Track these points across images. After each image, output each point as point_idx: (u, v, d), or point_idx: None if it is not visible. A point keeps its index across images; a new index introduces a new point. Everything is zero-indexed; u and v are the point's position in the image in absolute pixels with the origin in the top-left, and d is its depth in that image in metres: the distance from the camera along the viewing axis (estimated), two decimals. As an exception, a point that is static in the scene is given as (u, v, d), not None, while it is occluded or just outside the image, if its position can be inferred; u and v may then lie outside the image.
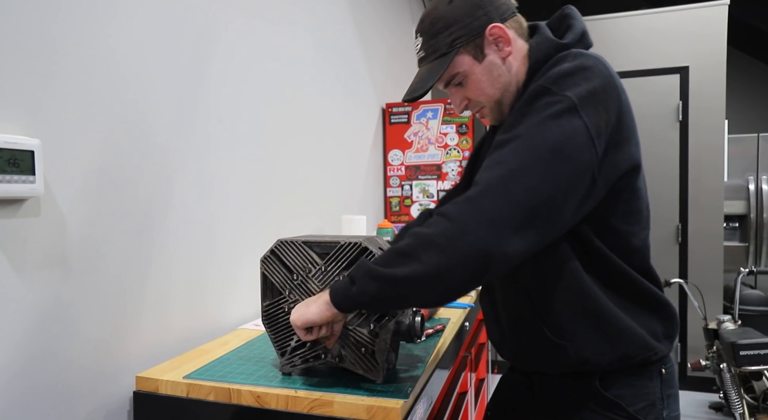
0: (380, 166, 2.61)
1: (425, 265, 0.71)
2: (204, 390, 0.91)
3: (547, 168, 0.72)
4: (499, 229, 0.70)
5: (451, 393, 1.36)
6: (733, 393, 2.36)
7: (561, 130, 0.73)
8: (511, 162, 0.73)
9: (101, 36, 0.97)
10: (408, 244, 0.74)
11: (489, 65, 0.87)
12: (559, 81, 0.76)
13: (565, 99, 0.74)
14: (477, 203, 0.71)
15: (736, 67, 4.93)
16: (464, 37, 0.86)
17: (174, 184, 1.16)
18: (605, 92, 0.76)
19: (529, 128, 0.74)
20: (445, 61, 0.87)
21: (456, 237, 0.70)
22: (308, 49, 1.82)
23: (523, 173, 0.72)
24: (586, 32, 0.88)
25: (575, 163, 0.73)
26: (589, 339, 0.83)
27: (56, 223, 0.89)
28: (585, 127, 0.73)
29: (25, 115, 0.83)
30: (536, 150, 0.72)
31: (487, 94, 0.89)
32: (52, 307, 0.88)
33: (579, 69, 0.77)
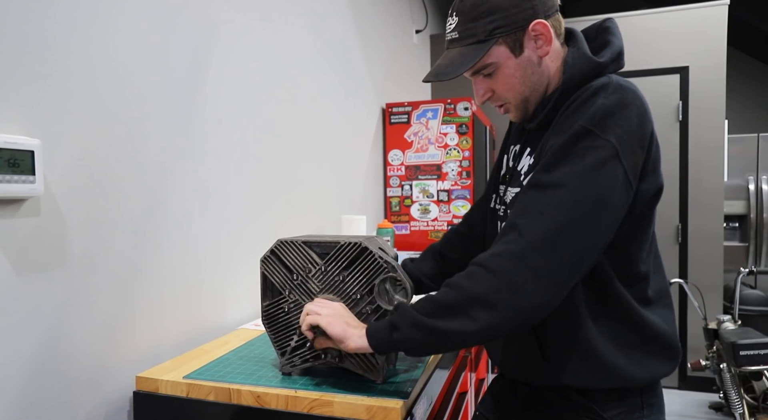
0: (380, 166, 2.61)
1: (476, 322, 0.72)
2: (204, 390, 0.91)
3: (592, 222, 0.73)
4: (549, 287, 0.71)
5: (451, 393, 1.36)
6: (733, 393, 2.36)
7: (605, 181, 0.73)
8: (557, 216, 0.72)
9: (101, 36, 0.97)
10: (454, 298, 0.75)
11: (525, 61, 0.84)
12: (601, 122, 0.75)
13: (607, 145, 0.74)
14: (524, 259, 0.71)
15: (736, 67, 4.93)
16: (506, 27, 0.81)
17: (174, 183, 1.16)
18: (641, 130, 0.76)
19: (573, 178, 0.73)
20: (482, 48, 0.82)
21: (506, 295, 0.71)
22: (308, 48, 1.82)
23: (570, 230, 0.72)
24: (622, 52, 0.85)
25: (616, 209, 0.74)
26: (573, 367, 0.83)
27: (56, 223, 0.89)
28: (624, 172, 0.74)
29: (25, 115, 0.83)
30: (582, 205, 0.72)
31: (517, 91, 0.86)
32: (52, 307, 0.88)
33: (619, 107, 0.76)
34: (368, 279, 0.90)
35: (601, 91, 0.78)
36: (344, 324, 0.84)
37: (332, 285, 0.93)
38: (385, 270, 0.89)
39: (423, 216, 2.56)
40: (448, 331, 0.74)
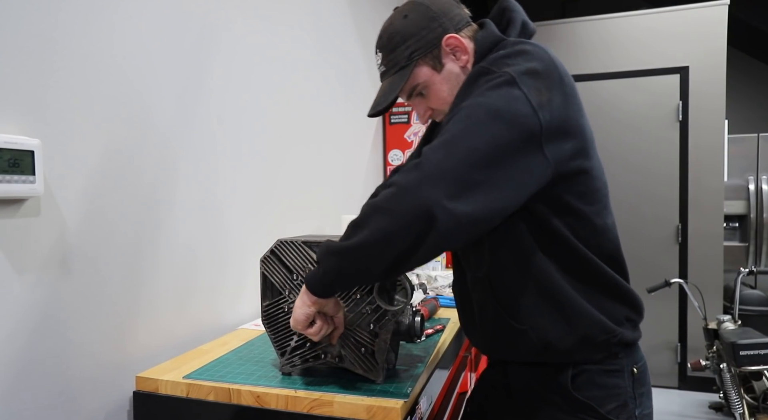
0: (380, 166, 2.61)
1: (372, 230, 0.72)
2: (204, 390, 0.91)
3: (486, 129, 0.72)
4: (439, 186, 0.70)
5: (451, 393, 1.36)
6: (733, 393, 2.36)
7: (499, 97, 0.74)
8: (453, 129, 0.74)
9: (102, 36, 0.97)
10: (360, 216, 0.76)
11: (448, 74, 0.89)
12: (497, 62, 0.79)
13: (503, 74, 0.76)
14: (420, 166, 0.72)
15: (736, 67, 4.93)
16: (422, 49, 0.88)
17: (174, 183, 1.16)
18: (546, 72, 0.77)
19: (469, 101, 0.76)
20: (404, 73, 0.89)
21: (398, 199, 0.71)
22: (308, 49, 1.82)
23: (463, 135, 0.73)
24: (526, 22, 0.91)
25: (515, 126, 0.73)
26: (547, 321, 0.84)
27: (56, 223, 0.89)
28: (525, 97, 0.74)
29: (25, 115, 0.83)
30: (475, 115, 0.74)
31: (449, 102, 0.89)
32: (51, 307, 0.88)
33: (516, 52, 0.80)
34: (368, 279, 0.90)
35: (501, 47, 0.84)
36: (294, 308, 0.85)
37: (332, 285, 0.93)
38: None
39: (423, 216, 2.55)
40: (351, 246, 0.74)
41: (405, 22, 0.89)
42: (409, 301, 0.91)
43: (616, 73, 3.29)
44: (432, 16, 0.88)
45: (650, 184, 3.26)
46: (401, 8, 0.93)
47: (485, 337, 0.94)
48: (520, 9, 0.92)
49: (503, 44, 0.85)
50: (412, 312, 0.94)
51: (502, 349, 0.92)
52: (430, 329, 1.24)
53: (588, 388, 0.85)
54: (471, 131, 0.72)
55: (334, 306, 0.86)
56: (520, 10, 0.92)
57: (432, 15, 0.88)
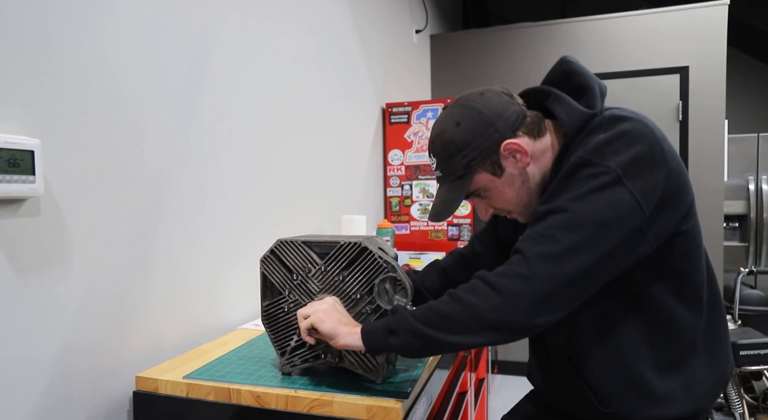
0: (380, 166, 2.61)
1: (476, 337, 0.75)
2: (204, 390, 0.91)
3: (596, 244, 0.72)
4: (549, 308, 0.73)
5: (451, 393, 1.36)
6: (733, 393, 2.36)
7: (607, 203, 0.73)
8: (561, 240, 0.73)
9: (101, 35, 0.97)
10: (455, 312, 0.76)
11: (509, 178, 0.86)
12: (599, 150, 0.75)
13: (608, 170, 0.73)
14: (529, 282, 0.72)
15: (736, 67, 4.93)
16: (479, 158, 0.85)
17: (174, 183, 1.16)
18: (650, 155, 0.74)
19: (574, 202, 0.74)
20: (465, 182, 0.86)
21: (509, 315, 0.73)
22: (308, 48, 1.82)
23: (574, 253, 0.72)
24: (601, 85, 0.85)
25: (622, 230, 0.73)
26: (635, 404, 0.82)
27: (56, 223, 0.89)
28: (631, 195, 0.73)
29: (25, 115, 0.83)
30: (585, 227, 0.72)
31: (513, 203, 0.89)
32: (52, 307, 0.88)
33: (618, 136, 0.75)
34: (368, 279, 0.90)
35: (597, 127, 0.79)
36: (336, 321, 0.84)
37: (332, 285, 0.93)
38: (385, 270, 0.89)
39: (423, 216, 2.56)
40: (446, 342, 0.76)
41: (459, 131, 0.84)
42: (409, 301, 0.91)
43: (616, 73, 3.29)
44: (486, 122, 0.83)
45: (650, 184, 3.26)
46: (451, 112, 0.87)
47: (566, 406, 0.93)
48: (586, 71, 0.86)
49: (597, 122, 0.79)
50: (412, 312, 0.94)
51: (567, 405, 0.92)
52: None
53: None
54: (581, 248, 0.72)
55: None
56: (587, 72, 0.86)
57: (486, 121, 0.83)
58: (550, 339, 0.92)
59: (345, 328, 0.83)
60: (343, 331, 0.83)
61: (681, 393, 0.82)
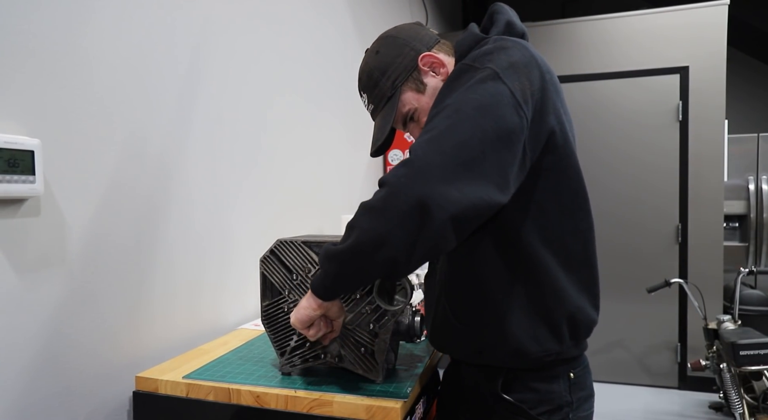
0: (380, 166, 2.61)
1: (365, 230, 0.71)
2: (204, 390, 0.91)
3: (474, 123, 0.71)
4: (430, 181, 0.68)
5: (451, 393, 1.35)
6: (733, 393, 2.36)
7: (485, 92, 0.74)
8: (440, 125, 0.73)
9: (101, 35, 0.97)
10: (354, 217, 0.75)
11: (432, 92, 0.90)
12: (479, 58, 0.78)
13: (486, 69, 0.76)
14: (409, 163, 0.71)
15: (736, 67, 4.93)
16: (401, 75, 0.90)
17: (173, 183, 1.16)
18: (526, 66, 0.77)
19: (454, 97, 0.75)
20: (393, 103, 0.91)
21: (390, 196, 0.70)
22: (308, 48, 1.82)
23: (451, 131, 0.72)
24: (511, 22, 0.88)
25: (502, 120, 0.72)
26: (482, 327, 0.84)
27: (56, 223, 0.89)
28: (510, 92, 0.74)
29: (25, 115, 0.83)
30: (462, 110, 0.73)
31: None
32: (52, 307, 0.88)
33: (497, 48, 0.79)
34: (368, 279, 0.90)
35: (483, 44, 0.83)
36: (297, 308, 0.84)
37: (332, 285, 0.93)
38: None
39: (423, 216, 2.56)
40: (347, 249, 0.73)
41: (379, 58, 0.92)
42: (409, 301, 0.91)
43: (616, 73, 3.29)
44: (402, 43, 0.91)
45: (651, 183, 3.26)
46: (371, 48, 0.96)
47: (434, 332, 0.95)
48: (507, 10, 0.91)
49: (484, 42, 0.84)
50: (412, 312, 0.94)
51: (447, 346, 0.93)
52: (429, 329, 1.24)
53: (519, 390, 0.85)
54: (459, 126, 0.71)
55: (338, 310, 0.85)
56: (508, 11, 0.91)
57: (401, 42, 0.91)
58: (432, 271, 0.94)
59: (303, 302, 0.83)
60: (302, 304, 0.83)
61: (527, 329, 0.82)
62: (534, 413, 0.84)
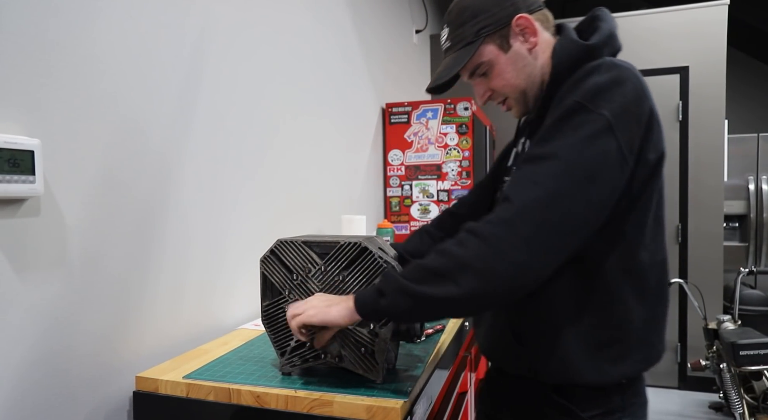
0: (380, 166, 2.61)
1: (463, 288, 0.72)
2: (204, 390, 0.91)
3: (584, 194, 0.72)
4: (536, 253, 0.71)
5: (451, 393, 1.36)
6: (733, 393, 2.36)
7: (597, 154, 0.73)
8: (548, 185, 0.72)
9: (101, 35, 0.97)
10: (443, 265, 0.74)
11: (514, 55, 0.87)
12: (596, 98, 0.75)
13: (600, 118, 0.74)
14: (514, 226, 0.71)
15: (736, 67, 4.93)
16: (490, 26, 0.86)
17: (173, 184, 1.16)
18: (638, 105, 0.76)
19: (565, 149, 0.74)
20: (470, 49, 0.87)
21: (494, 261, 0.71)
22: (308, 49, 1.82)
23: (561, 198, 0.72)
24: (614, 34, 0.86)
25: (608, 185, 0.74)
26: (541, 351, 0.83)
27: (56, 223, 0.89)
28: (618, 147, 0.73)
29: (25, 115, 0.83)
30: (573, 175, 0.72)
31: (512, 85, 0.89)
32: (52, 307, 0.88)
33: (614, 83, 0.76)
34: (368, 279, 0.90)
35: (595, 70, 0.78)
36: (324, 308, 0.82)
37: (332, 285, 0.93)
38: (385, 270, 0.89)
39: (423, 216, 2.56)
40: (434, 297, 0.73)
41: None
42: (409, 301, 0.91)
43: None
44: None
45: (650, 184, 3.26)
46: None
47: (487, 341, 0.95)
48: (611, 19, 0.87)
49: (597, 66, 0.79)
50: (412, 312, 0.94)
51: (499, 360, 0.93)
52: (430, 329, 1.24)
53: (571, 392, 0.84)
54: (569, 194, 0.72)
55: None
56: (611, 20, 0.87)
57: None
58: None
59: (336, 308, 0.81)
60: (334, 311, 0.81)
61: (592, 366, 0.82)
62: (585, 416, 0.83)
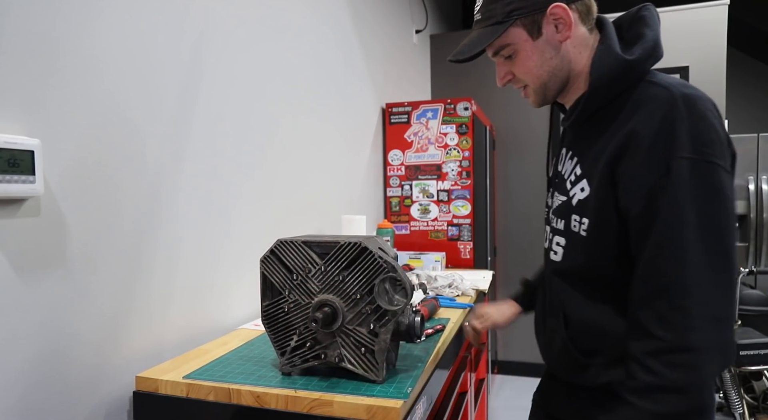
0: (380, 166, 2.61)
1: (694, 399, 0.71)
2: (204, 390, 0.91)
3: (732, 249, 0.72)
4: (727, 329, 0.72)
5: (451, 393, 1.36)
6: (733, 393, 2.36)
7: (726, 200, 0.72)
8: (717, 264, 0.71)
9: (101, 35, 0.97)
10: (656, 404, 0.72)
11: (543, 45, 0.84)
12: (702, 150, 0.71)
13: (715, 167, 0.71)
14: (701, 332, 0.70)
15: (736, 67, 4.93)
16: (524, 10, 0.82)
17: (174, 183, 1.16)
18: (724, 130, 0.75)
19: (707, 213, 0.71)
20: (498, 29, 0.84)
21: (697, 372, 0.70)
22: (308, 49, 1.82)
23: (723, 280, 0.71)
24: (658, 43, 0.80)
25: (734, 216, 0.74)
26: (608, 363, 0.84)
27: (56, 223, 0.89)
28: (731, 181, 0.73)
29: (25, 115, 0.83)
30: (724, 245, 0.71)
31: (534, 75, 0.87)
32: (52, 307, 0.88)
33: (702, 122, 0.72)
34: (368, 279, 0.90)
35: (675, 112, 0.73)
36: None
37: (332, 285, 0.93)
38: (385, 270, 0.89)
39: (423, 216, 2.56)
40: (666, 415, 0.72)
41: None
42: (409, 301, 0.91)
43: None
44: None
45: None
46: None
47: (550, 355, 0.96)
48: (657, 24, 0.82)
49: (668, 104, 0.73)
50: (412, 312, 0.94)
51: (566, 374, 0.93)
52: (430, 329, 1.24)
53: None
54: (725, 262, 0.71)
55: None
56: (658, 23, 0.82)
57: None
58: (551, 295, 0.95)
59: None
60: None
61: None
62: None
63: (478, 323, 1.21)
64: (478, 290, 1.83)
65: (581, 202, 0.83)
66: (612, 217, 0.78)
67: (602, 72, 0.80)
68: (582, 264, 0.85)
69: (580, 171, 0.85)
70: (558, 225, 0.90)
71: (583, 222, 0.83)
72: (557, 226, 0.91)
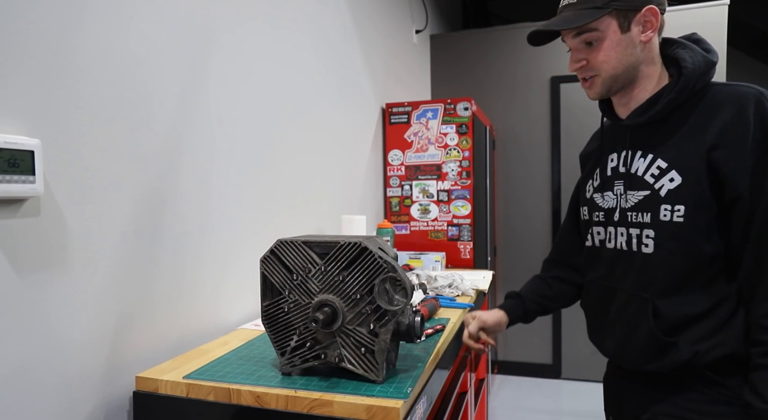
0: (380, 166, 2.61)
1: None
2: (204, 390, 0.91)
3: None
4: None
5: (451, 393, 1.36)
6: (733, 393, 2.35)
7: None
8: None
9: (101, 36, 0.97)
10: None
11: (628, 40, 0.91)
12: None
13: None
14: None
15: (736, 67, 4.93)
16: (623, 2, 0.89)
17: (174, 183, 1.16)
18: None
19: None
20: (595, 13, 0.89)
21: None
22: (308, 48, 1.82)
23: None
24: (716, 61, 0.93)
25: None
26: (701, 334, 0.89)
27: (56, 223, 0.89)
28: None
29: (25, 115, 0.83)
30: None
31: (610, 66, 0.93)
32: (52, 307, 0.88)
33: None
34: (368, 279, 0.90)
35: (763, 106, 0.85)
36: None
37: (332, 285, 0.93)
38: (385, 270, 0.89)
39: (423, 216, 2.56)
40: None
41: None
42: (409, 301, 0.91)
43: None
44: None
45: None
46: None
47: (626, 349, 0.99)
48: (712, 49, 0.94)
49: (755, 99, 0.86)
50: (412, 312, 0.94)
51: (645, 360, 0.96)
52: (430, 329, 1.24)
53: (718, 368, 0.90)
54: None
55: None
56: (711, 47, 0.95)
57: None
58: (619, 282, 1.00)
59: None
60: None
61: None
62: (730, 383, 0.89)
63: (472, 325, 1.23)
64: (478, 290, 1.83)
65: (672, 192, 0.90)
66: (709, 200, 0.87)
67: (695, 66, 0.89)
68: (679, 249, 0.91)
69: (665, 164, 0.91)
70: (643, 219, 0.95)
71: (676, 210, 0.89)
72: (642, 220, 0.95)
